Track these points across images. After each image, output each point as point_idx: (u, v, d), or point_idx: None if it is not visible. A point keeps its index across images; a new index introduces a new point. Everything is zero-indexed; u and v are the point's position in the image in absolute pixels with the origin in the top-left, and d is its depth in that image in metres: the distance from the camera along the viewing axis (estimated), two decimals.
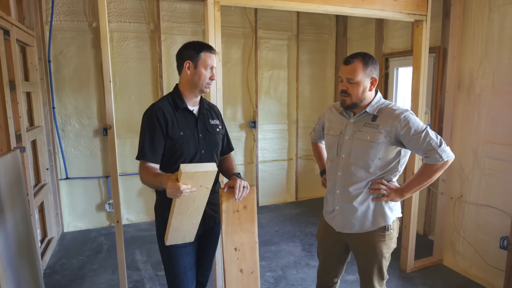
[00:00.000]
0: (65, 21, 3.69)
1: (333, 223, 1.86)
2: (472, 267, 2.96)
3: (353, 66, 1.66)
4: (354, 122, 1.77)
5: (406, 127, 1.64)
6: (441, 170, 1.68)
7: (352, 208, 1.77)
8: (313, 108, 4.89)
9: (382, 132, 1.66)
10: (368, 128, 1.71)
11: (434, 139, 1.64)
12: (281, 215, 4.40)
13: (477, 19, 2.84)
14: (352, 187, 1.75)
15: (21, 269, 2.07)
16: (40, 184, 3.39)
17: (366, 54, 1.71)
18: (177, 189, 1.33)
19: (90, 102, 3.87)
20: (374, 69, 1.70)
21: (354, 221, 1.78)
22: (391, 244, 1.81)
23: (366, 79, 1.68)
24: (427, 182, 1.72)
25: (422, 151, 1.65)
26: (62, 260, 3.26)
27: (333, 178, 1.83)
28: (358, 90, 1.68)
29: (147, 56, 4.02)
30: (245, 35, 4.43)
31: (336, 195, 1.81)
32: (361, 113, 1.74)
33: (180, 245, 1.69)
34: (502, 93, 2.69)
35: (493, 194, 2.78)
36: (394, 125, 1.65)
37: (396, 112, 1.68)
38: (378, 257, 1.78)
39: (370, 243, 1.78)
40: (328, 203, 1.89)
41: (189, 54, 1.65)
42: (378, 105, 1.73)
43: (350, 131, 1.76)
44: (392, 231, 1.79)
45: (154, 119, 1.62)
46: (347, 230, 1.81)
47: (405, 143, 1.67)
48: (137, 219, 4.20)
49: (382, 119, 1.69)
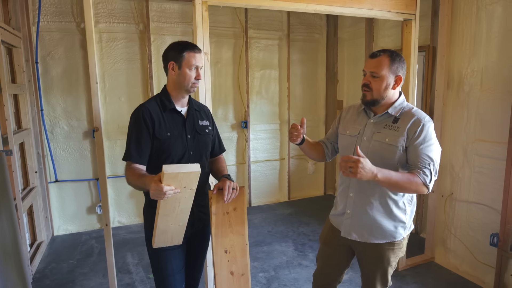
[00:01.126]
0: (52, 22, 3.64)
1: (341, 227, 1.77)
2: (463, 264, 2.98)
3: (379, 60, 1.60)
4: (374, 122, 1.68)
5: (422, 132, 1.56)
6: (414, 190, 1.54)
7: (364, 213, 1.68)
8: (305, 108, 4.90)
9: (402, 135, 1.58)
10: (388, 130, 1.62)
11: (436, 163, 1.56)
12: (273, 215, 4.39)
13: (465, 17, 2.86)
14: (367, 191, 1.67)
15: (7, 274, 2.03)
16: (29, 187, 3.34)
17: (395, 51, 1.64)
18: (160, 191, 1.31)
19: (79, 104, 3.83)
20: (400, 67, 1.62)
21: (364, 229, 1.69)
22: (399, 253, 1.74)
23: (391, 76, 1.60)
24: (400, 187, 1.53)
25: (415, 161, 1.56)
26: (52, 264, 3.22)
27: (347, 180, 1.73)
28: (380, 85, 1.60)
29: (137, 56, 3.98)
30: (236, 35, 4.42)
31: (349, 198, 1.73)
32: (382, 113, 1.66)
33: (168, 248, 1.67)
34: (490, 91, 2.71)
35: (483, 192, 2.80)
36: (413, 129, 1.57)
37: (418, 116, 1.61)
38: (385, 265, 1.72)
39: (378, 252, 1.70)
40: (339, 206, 1.80)
41: (173, 55, 1.64)
42: (401, 108, 1.65)
43: (369, 132, 1.68)
44: (402, 240, 1.72)
45: (141, 120, 1.61)
46: (355, 237, 1.72)
47: (409, 146, 1.58)
48: (129, 221, 4.17)
49: (404, 122, 1.60)
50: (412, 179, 1.52)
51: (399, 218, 1.68)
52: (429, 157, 1.55)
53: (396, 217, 1.67)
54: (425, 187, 1.55)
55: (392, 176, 1.50)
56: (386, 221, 1.67)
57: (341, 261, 1.88)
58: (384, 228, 1.67)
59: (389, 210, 1.66)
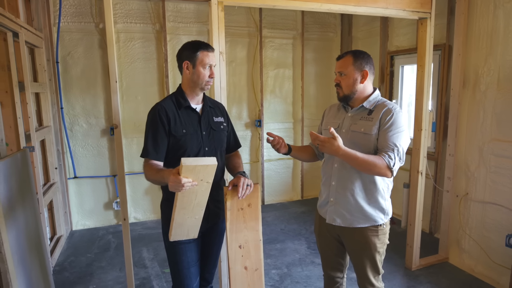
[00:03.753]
0: (72, 23, 3.74)
1: (326, 214, 1.90)
2: (478, 265, 2.95)
3: (344, 60, 1.78)
4: (351, 116, 1.83)
5: (390, 120, 1.69)
6: (378, 171, 1.64)
7: (346, 199, 1.80)
8: (318, 107, 4.90)
9: (376, 124, 1.72)
10: (363, 121, 1.77)
11: (401, 148, 1.68)
12: (286, 214, 4.42)
13: (482, 16, 2.83)
14: (347, 179, 1.79)
15: (31, 266, 2.12)
16: (49, 183, 3.45)
17: (359, 50, 1.82)
18: (178, 183, 1.36)
19: (97, 102, 3.93)
20: (365, 63, 1.77)
21: (346, 213, 1.81)
22: (385, 239, 1.84)
23: (357, 72, 1.76)
24: (363, 165, 1.64)
25: (383, 145, 1.68)
26: (71, 257, 3.32)
27: (330, 170, 1.87)
28: (348, 81, 1.77)
29: (153, 56, 4.06)
30: (250, 35, 4.45)
31: (332, 187, 1.85)
32: (358, 107, 1.81)
33: (184, 241, 1.72)
34: (507, 90, 2.67)
35: (499, 192, 2.77)
36: (384, 118, 1.72)
37: (389, 106, 1.75)
38: (372, 251, 1.81)
39: (363, 237, 1.80)
40: (323, 195, 1.93)
41: (187, 55, 1.69)
42: (375, 102, 1.80)
43: (347, 124, 1.82)
44: (385, 226, 1.83)
45: (157, 118, 1.67)
46: (339, 222, 1.84)
47: (379, 132, 1.71)
48: (144, 217, 4.26)
49: (377, 113, 1.76)
50: (376, 160, 1.63)
51: (379, 204, 1.80)
52: (395, 143, 1.67)
53: (375, 202, 1.79)
54: (389, 170, 1.65)
55: (355, 154, 1.63)
56: (367, 205, 1.79)
57: (338, 247, 1.96)
58: (365, 212, 1.79)
59: (369, 195, 1.79)
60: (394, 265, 3.11)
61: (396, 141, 1.67)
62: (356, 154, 1.64)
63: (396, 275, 2.98)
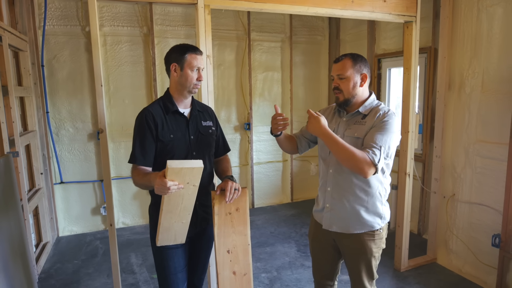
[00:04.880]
0: (58, 26, 3.69)
1: (323, 220, 1.88)
2: (465, 265, 2.98)
3: (343, 63, 1.75)
4: (346, 120, 1.82)
5: (382, 121, 1.68)
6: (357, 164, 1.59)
7: (342, 205, 1.78)
8: (307, 109, 4.90)
9: (369, 127, 1.71)
10: (357, 126, 1.75)
11: (388, 146, 1.65)
12: (276, 216, 4.42)
13: (466, 19, 2.88)
14: (342, 185, 1.78)
15: (14, 274, 2.07)
16: (35, 188, 3.38)
17: (355, 53, 1.79)
18: (164, 185, 1.35)
19: (84, 106, 3.88)
20: (363, 66, 1.76)
21: (343, 219, 1.79)
22: (381, 244, 1.82)
23: (356, 74, 1.74)
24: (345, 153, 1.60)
25: (369, 141, 1.64)
26: (57, 264, 3.26)
27: (325, 176, 1.85)
28: (349, 85, 1.74)
29: (141, 59, 4.03)
30: (239, 38, 4.45)
31: (327, 193, 1.83)
32: (353, 112, 1.80)
33: (171, 247, 1.70)
34: (491, 92, 2.72)
35: (485, 192, 2.81)
36: (376, 120, 1.70)
37: (383, 109, 1.74)
38: (368, 256, 1.80)
39: (359, 242, 1.79)
40: (319, 201, 1.91)
41: (175, 57, 1.68)
42: (371, 106, 1.78)
43: (341, 129, 1.81)
44: (381, 231, 1.81)
45: (144, 124, 1.65)
46: (335, 228, 1.82)
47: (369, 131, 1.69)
48: (133, 222, 4.21)
49: (370, 117, 1.74)
50: (357, 152, 1.59)
51: (376, 208, 1.78)
52: (383, 140, 1.64)
53: (372, 207, 1.77)
54: (373, 166, 1.60)
55: (336, 138, 1.61)
56: (363, 211, 1.76)
57: (332, 254, 1.94)
58: (362, 218, 1.76)
59: (365, 200, 1.76)
60: (383, 266, 3.12)
61: (383, 139, 1.64)
62: (338, 138, 1.62)
63: (385, 276, 3.00)
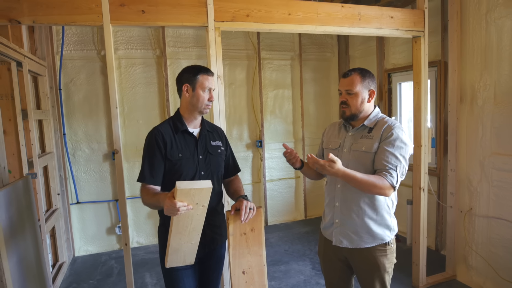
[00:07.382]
0: (75, 51, 3.83)
1: (332, 236, 1.85)
2: (486, 281, 2.89)
3: (351, 78, 1.76)
4: (352, 134, 1.82)
5: (391, 136, 1.68)
6: (379, 191, 1.61)
7: (351, 220, 1.77)
8: (319, 126, 4.93)
9: (376, 141, 1.71)
10: (364, 140, 1.76)
11: (403, 165, 1.65)
12: (290, 234, 4.38)
13: (474, 32, 2.88)
14: (351, 199, 1.77)
15: None
16: (52, 209, 3.45)
17: (363, 68, 1.81)
18: (173, 207, 1.35)
19: (99, 127, 3.98)
20: (371, 82, 1.79)
21: (353, 234, 1.78)
22: (393, 258, 1.80)
23: (364, 90, 1.77)
24: (364, 185, 1.62)
25: (382, 161, 1.64)
26: (73, 284, 3.29)
27: (333, 191, 1.85)
28: (357, 101, 1.76)
29: (154, 80, 4.13)
30: (249, 57, 4.53)
31: (336, 208, 1.83)
32: (359, 126, 1.81)
33: (181, 268, 1.70)
34: (505, 104, 2.69)
35: (503, 206, 2.74)
36: (384, 134, 1.71)
37: (389, 123, 1.75)
38: (381, 272, 1.77)
39: (372, 258, 1.77)
40: (327, 217, 1.89)
41: (187, 78, 1.72)
42: (376, 119, 1.80)
43: (348, 144, 1.81)
44: (392, 245, 1.79)
45: (154, 142, 1.68)
46: (345, 244, 1.80)
47: (379, 148, 1.68)
48: (147, 241, 4.22)
49: (377, 131, 1.75)
50: (376, 181, 1.61)
51: (385, 220, 1.77)
52: (397, 160, 1.65)
53: (381, 219, 1.77)
54: (392, 188, 1.64)
55: (354, 175, 1.60)
56: (373, 224, 1.75)
57: (344, 271, 1.91)
58: (372, 231, 1.75)
59: (374, 213, 1.76)
60: (401, 283, 3.05)
61: (396, 157, 1.65)
62: (356, 175, 1.61)
63: None
